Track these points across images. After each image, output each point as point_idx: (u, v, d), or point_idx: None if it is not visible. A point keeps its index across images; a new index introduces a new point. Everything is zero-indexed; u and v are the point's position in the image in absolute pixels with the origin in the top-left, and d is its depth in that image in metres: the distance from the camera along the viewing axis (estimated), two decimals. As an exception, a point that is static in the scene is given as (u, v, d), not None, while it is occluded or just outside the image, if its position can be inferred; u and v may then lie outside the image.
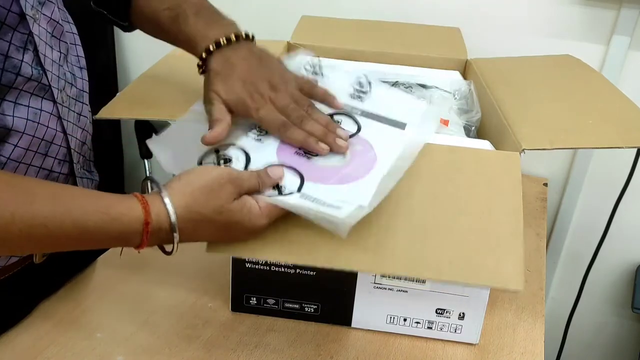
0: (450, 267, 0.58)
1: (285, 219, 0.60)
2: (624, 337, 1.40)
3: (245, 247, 0.60)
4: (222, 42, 0.67)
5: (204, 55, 0.67)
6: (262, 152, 0.65)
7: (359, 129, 0.69)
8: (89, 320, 0.74)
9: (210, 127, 0.64)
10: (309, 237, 0.60)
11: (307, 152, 0.65)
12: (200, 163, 0.63)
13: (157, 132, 0.66)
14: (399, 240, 0.60)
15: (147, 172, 1.43)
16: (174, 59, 0.91)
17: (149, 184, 0.58)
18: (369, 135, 0.68)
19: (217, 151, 0.65)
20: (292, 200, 0.58)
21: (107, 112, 0.75)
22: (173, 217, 0.53)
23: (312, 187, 0.60)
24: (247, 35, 0.69)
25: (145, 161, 1.43)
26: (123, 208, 0.53)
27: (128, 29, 0.80)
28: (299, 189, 0.60)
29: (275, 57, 0.71)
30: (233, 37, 0.68)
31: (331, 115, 0.70)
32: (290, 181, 0.61)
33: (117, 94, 0.79)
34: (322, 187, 0.61)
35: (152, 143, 0.66)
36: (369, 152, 0.66)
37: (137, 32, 0.81)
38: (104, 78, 1.47)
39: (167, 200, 0.54)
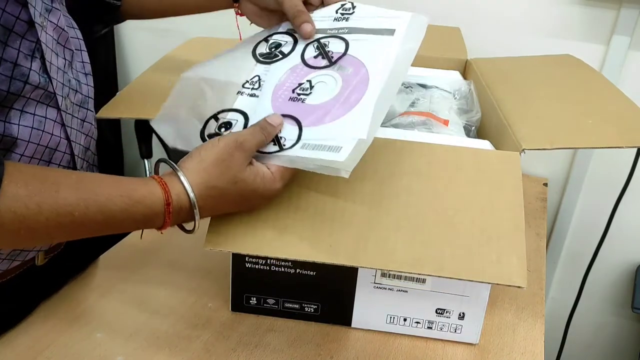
0: (452, 263, 0.58)
1: (286, 214, 0.60)
2: (624, 337, 1.40)
3: (243, 243, 0.61)
4: None
5: None
6: (259, 107, 0.65)
7: (347, 47, 0.68)
8: (89, 320, 0.74)
9: (300, 21, 0.68)
10: (309, 233, 0.60)
11: (300, 94, 0.65)
12: (202, 132, 0.64)
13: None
14: (400, 237, 0.60)
15: (147, 172, 1.43)
16: (173, 59, 0.91)
17: (160, 165, 0.60)
18: (358, 51, 0.67)
19: (217, 118, 0.65)
20: (293, 154, 0.59)
21: (107, 112, 0.75)
22: (192, 196, 0.56)
23: (311, 131, 0.61)
24: None
25: (145, 161, 1.43)
26: (144, 191, 0.55)
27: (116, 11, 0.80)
28: (299, 138, 0.60)
29: None
30: None
31: (318, 40, 0.69)
32: (289, 131, 0.61)
33: (117, 94, 0.79)
34: (319, 129, 0.61)
35: (155, 123, 0.68)
36: (360, 72, 0.64)
37: (137, 32, 0.81)
38: (104, 78, 1.47)
39: (184, 179, 0.56)
